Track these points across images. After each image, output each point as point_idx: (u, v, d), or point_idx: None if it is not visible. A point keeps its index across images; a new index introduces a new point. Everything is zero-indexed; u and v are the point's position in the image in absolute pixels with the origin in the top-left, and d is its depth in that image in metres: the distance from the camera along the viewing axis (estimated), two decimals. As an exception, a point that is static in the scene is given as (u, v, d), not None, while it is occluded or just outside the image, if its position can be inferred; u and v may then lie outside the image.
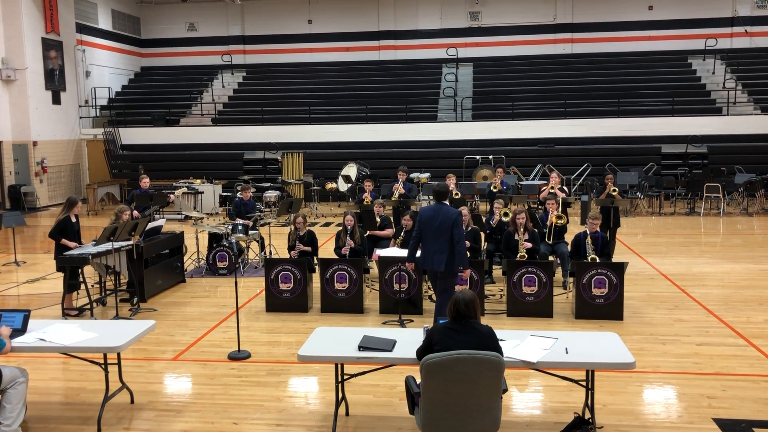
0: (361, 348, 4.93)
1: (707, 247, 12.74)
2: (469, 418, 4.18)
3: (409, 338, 5.09)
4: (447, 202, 7.06)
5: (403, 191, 12.92)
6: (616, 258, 10.32)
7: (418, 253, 7.08)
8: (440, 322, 4.55)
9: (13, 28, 19.99)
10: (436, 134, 21.31)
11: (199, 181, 18.66)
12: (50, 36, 21.28)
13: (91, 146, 23.00)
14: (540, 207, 13.12)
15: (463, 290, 4.55)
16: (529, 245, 8.75)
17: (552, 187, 10.70)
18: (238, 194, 12.36)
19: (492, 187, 13.25)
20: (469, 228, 9.18)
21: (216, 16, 27.59)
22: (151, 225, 9.51)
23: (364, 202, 12.38)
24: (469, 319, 4.40)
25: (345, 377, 5.24)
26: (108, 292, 9.04)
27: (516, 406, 5.63)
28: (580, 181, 18.80)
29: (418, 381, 4.32)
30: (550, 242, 9.49)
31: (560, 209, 10.06)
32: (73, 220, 8.76)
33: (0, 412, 4.85)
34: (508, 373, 5.09)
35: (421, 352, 4.43)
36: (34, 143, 20.53)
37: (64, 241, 8.57)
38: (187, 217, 16.40)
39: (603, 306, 7.91)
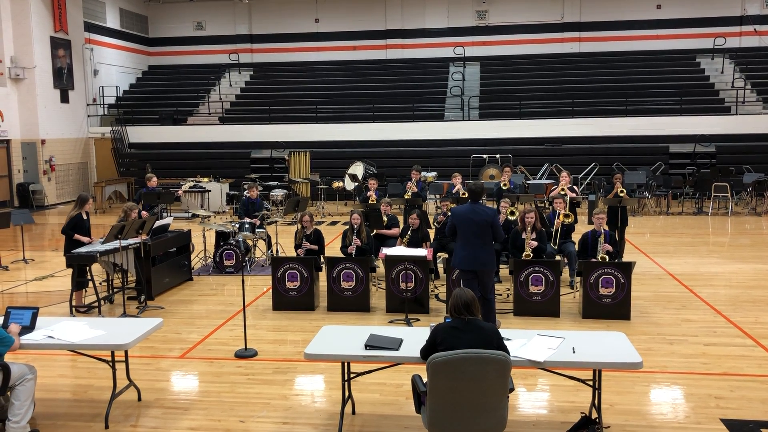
0: (367, 347, 4.93)
1: (715, 246, 12.68)
2: (475, 417, 4.18)
3: (415, 337, 5.08)
4: (481, 202, 7.30)
5: (416, 190, 12.97)
6: (624, 257, 10.30)
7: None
8: (446, 321, 4.54)
9: (21, 26, 20.10)
10: (443, 133, 21.29)
11: (206, 179, 18.71)
12: (59, 35, 21.38)
13: (98, 144, 23.10)
14: (548, 206, 13.09)
15: (461, 289, 4.55)
16: (535, 244, 8.74)
17: (563, 188, 10.66)
18: (245, 193, 12.40)
19: (502, 185, 13.26)
20: None
21: (223, 14, 27.65)
22: (158, 223, 9.55)
23: (369, 201, 12.40)
24: (472, 317, 4.39)
25: (351, 376, 5.25)
26: (115, 290, 9.08)
27: (523, 405, 5.62)
28: (588, 180, 18.75)
29: (425, 380, 4.31)
30: (556, 246, 9.46)
31: (568, 208, 10.03)
32: (84, 217, 8.82)
33: (9, 409, 4.88)
34: (515, 372, 5.09)
35: (425, 352, 4.43)
36: (43, 141, 20.64)
37: (77, 236, 8.63)
38: (194, 216, 16.45)
39: (610, 305, 7.89)
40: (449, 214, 9.92)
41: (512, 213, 9.88)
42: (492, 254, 7.12)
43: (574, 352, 4.80)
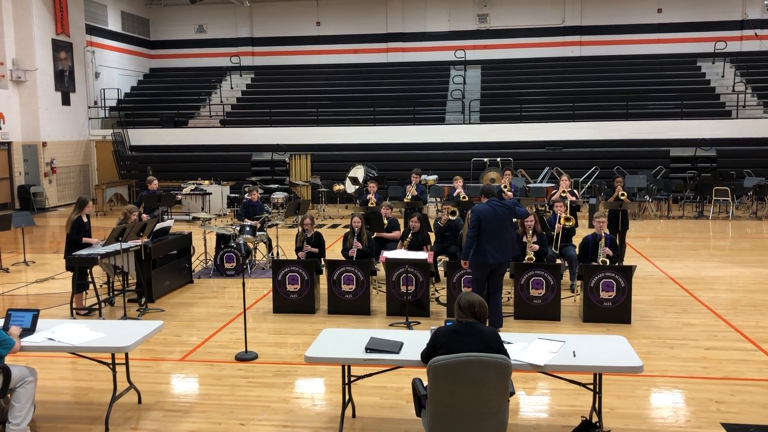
0: (368, 350, 4.93)
1: (716, 250, 12.68)
2: (476, 421, 4.18)
3: (416, 340, 5.08)
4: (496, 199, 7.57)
5: (415, 193, 12.98)
6: (625, 261, 10.30)
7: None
8: (447, 324, 4.54)
9: (23, 29, 20.13)
10: (443, 136, 21.30)
11: (207, 182, 18.72)
12: (60, 37, 21.41)
13: (99, 147, 23.12)
14: (548, 210, 13.10)
15: (468, 292, 4.55)
16: (536, 247, 8.74)
17: (563, 191, 10.67)
18: (245, 196, 12.42)
19: (503, 187, 13.28)
20: None
21: (225, 17, 27.69)
22: (159, 226, 9.55)
23: (369, 204, 12.41)
24: (473, 320, 4.39)
25: (352, 379, 5.24)
26: (116, 293, 9.08)
27: (523, 409, 5.62)
28: (588, 183, 18.75)
29: (425, 383, 4.31)
30: (557, 250, 9.45)
31: (568, 212, 10.03)
32: (85, 219, 8.83)
33: (9, 411, 4.88)
34: (515, 376, 5.09)
35: (426, 355, 4.42)
36: (44, 144, 20.66)
37: (85, 239, 8.64)
38: (195, 218, 16.45)
39: (611, 309, 7.88)
40: (452, 218, 10.01)
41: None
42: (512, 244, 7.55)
43: (574, 355, 4.80)
